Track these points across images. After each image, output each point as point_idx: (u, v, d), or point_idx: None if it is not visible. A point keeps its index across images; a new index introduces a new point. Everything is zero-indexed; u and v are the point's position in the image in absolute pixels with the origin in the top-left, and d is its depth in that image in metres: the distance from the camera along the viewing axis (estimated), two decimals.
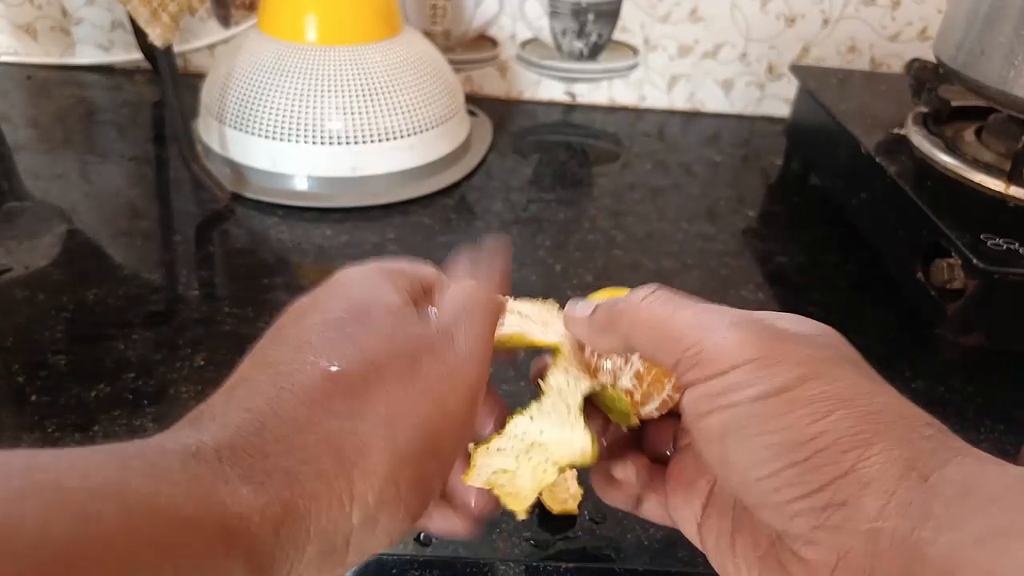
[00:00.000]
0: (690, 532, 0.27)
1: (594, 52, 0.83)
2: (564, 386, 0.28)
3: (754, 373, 0.22)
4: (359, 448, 0.21)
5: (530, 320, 0.30)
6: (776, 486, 0.22)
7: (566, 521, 0.37)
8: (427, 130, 0.64)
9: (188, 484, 0.18)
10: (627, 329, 0.26)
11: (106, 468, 0.17)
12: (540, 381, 0.28)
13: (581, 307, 0.28)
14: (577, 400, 0.27)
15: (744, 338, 0.23)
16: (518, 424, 0.27)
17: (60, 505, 0.16)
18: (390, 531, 0.22)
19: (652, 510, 0.29)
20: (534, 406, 0.28)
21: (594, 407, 0.29)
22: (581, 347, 0.29)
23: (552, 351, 0.29)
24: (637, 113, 0.85)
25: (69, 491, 0.16)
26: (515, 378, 0.45)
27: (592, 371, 0.29)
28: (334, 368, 0.22)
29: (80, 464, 0.17)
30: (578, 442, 0.27)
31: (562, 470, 0.27)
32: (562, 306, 0.29)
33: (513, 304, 0.30)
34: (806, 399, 0.22)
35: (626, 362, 0.28)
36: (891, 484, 0.20)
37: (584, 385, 0.27)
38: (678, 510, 0.28)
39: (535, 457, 0.27)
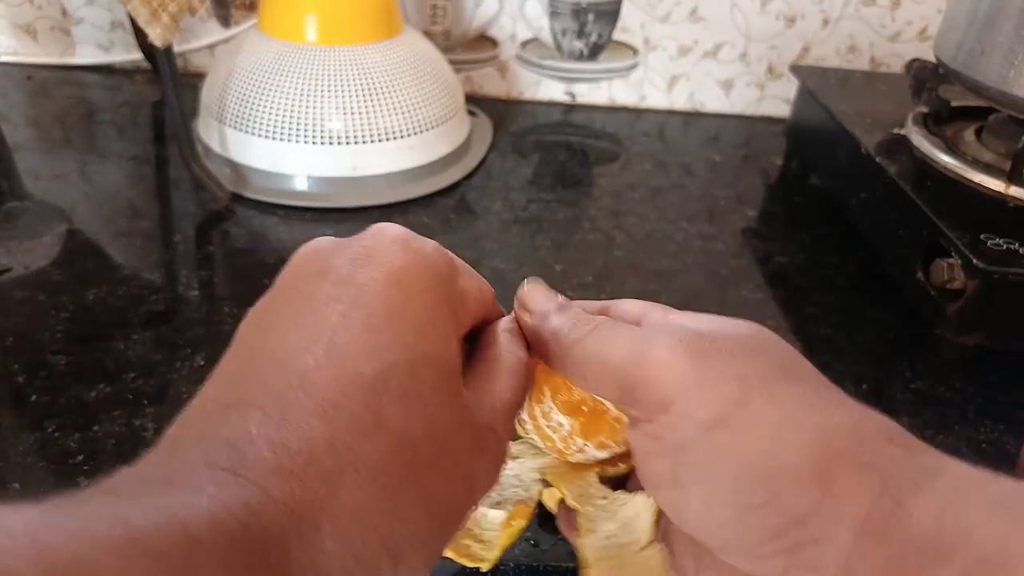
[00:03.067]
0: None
1: (594, 52, 0.83)
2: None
3: (689, 405, 0.21)
4: (399, 552, 0.18)
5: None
6: (739, 531, 0.20)
7: None
8: (427, 130, 0.64)
9: None
10: (565, 364, 0.24)
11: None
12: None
13: (546, 299, 0.26)
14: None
15: (672, 365, 0.21)
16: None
17: None
18: None
19: None
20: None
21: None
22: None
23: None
24: (637, 113, 0.85)
25: None
26: None
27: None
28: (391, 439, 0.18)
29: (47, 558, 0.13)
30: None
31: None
32: None
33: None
34: (749, 426, 0.20)
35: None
36: (863, 515, 0.19)
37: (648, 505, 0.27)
38: None
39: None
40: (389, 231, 0.22)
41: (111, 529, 0.14)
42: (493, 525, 0.28)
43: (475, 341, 0.25)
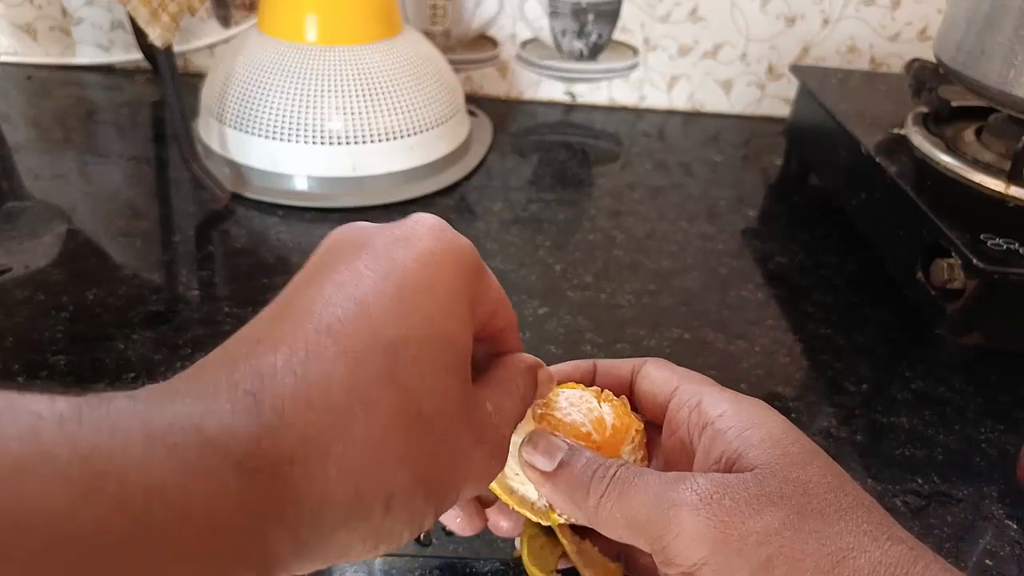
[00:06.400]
0: None
1: (594, 52, 0.83)
2: None
3: (720, 571, 0.22)
4: (393, 499, 0.20)
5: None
6: None
7: None
8: (427, 130, 0.64)
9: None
10: (591, 515, 0.25)
11: (146, 459, 0.15)
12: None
13: (542, 460, 0.26)
14: None
15: (699, 532, 0.22)
16: None
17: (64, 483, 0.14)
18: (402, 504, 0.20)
19: None
20: None
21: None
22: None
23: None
24: (637, 113, 0.85)
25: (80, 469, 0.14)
26: None
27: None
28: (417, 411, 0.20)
29: (105, 445, 0.15)
30: None
31: None
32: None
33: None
34: None
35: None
36: None
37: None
38: None
39: None
40: (427, 219, 0.23)
41: (131, 423, 0.16)
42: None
43: (489, 360, 0.27)
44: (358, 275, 0.21)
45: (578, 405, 0.28)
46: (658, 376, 0.29)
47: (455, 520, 0.29)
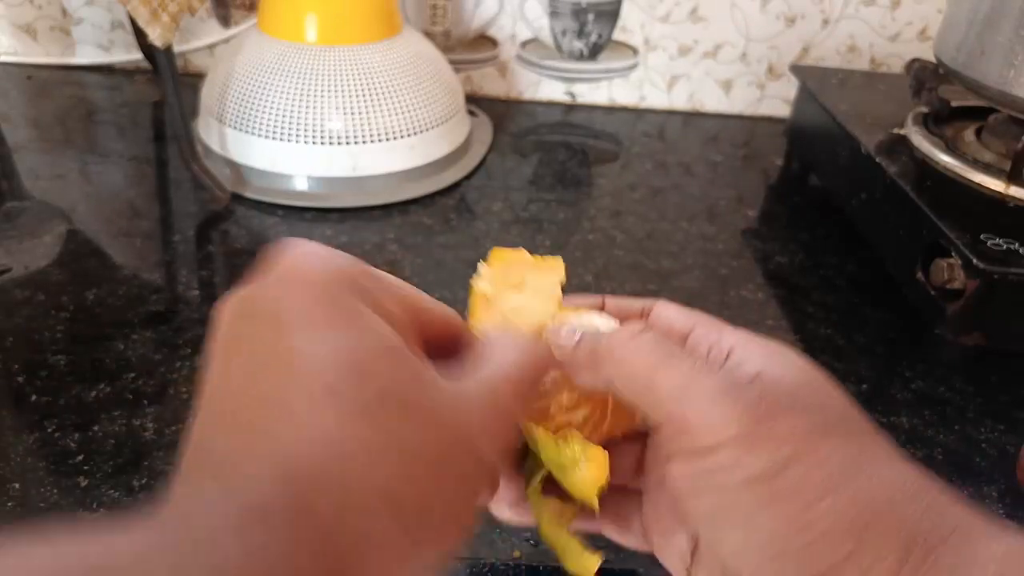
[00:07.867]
0: (677, 572, 0.27)
1: (594, 52, 0.83)
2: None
3: (739, 453, 0.22)
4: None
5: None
6: (772, 570, 0.21)
7: None
8: (427, 130, 0.64)
9: None
10: (610, 374, 0.25)
11: None
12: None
13: (566, 334, 0.26)
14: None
15: (728, 412, 0.22)
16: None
17: None
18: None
19: (615, 535, 0.29)
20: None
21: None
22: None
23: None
24: (637, 113, 0.85)
25: None
26: None
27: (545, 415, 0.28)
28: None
29: None
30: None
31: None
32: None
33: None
34: (793, 486, 0.21)
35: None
36: (891, 569, 0.20)
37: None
38: (662, 553, 0.27)
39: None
40: (286, 258, 0.21)
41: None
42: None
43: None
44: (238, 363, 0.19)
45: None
46: (674, 316, 0.28)
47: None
